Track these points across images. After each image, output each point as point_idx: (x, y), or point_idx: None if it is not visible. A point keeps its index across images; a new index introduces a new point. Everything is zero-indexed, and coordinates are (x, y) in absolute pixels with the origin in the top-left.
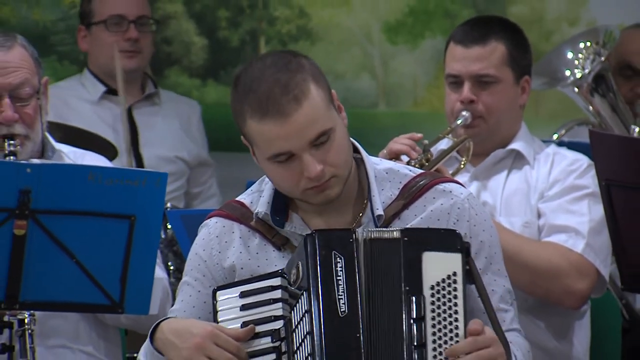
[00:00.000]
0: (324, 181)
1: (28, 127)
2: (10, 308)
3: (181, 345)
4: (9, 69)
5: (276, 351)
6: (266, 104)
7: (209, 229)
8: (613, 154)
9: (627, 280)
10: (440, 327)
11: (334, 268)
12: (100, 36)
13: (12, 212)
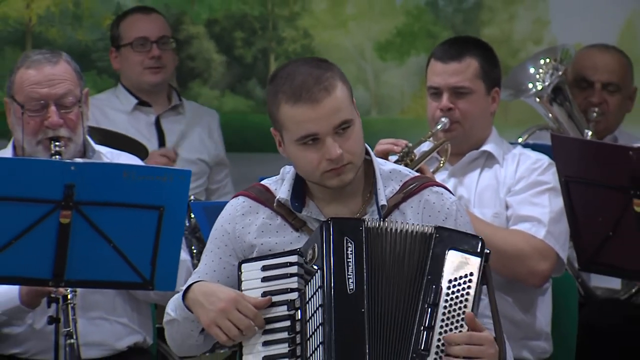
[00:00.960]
0: (341, 164)
1: (71, 131)
2: (56, 285)
3: (208, 307)
4: (55, 81)
5: (290, 319)
6: (300, 91)
7: (236, 206)
8: (571, 154)
9: (583, 262)
10: (449, 315)
11: (345, 252)
12: (128, 56)
13: (58, 203)
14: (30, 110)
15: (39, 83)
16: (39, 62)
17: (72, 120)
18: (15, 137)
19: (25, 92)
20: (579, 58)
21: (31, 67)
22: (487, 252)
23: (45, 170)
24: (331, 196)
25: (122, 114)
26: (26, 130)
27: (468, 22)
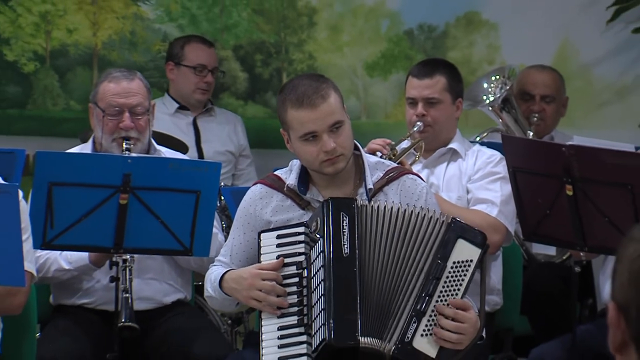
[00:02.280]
0: (334, 155)
1: (140, 133)
2: (116, 252)
3: (239, 288)
4: (130, 94)
5: (299, 276)
6: (302, 98)
7: (255, 192)
8: (517, 150)
9: (526, 234)
10: (446, 289)
11: (341, 224)
12: (187, 75)
13: (118, 188)
14: (109, 114)
15: (118, 94)
16: (118, 78)
17: (141, 125)
18: (96, 134)
19: (106, 100)
20: (523, 76)
21: (112, 82)
22: (488, 246)
23: (109, 162)
24: (328, 182)
25: (166, 116)
26: (105, 130)
27: (437, 47)
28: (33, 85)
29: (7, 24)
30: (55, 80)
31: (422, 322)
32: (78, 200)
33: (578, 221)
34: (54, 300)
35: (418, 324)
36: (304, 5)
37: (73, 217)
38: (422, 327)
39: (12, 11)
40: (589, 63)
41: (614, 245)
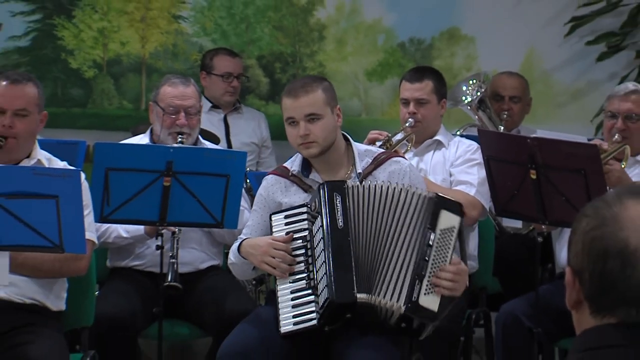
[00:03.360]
0: (307, 141)
1: (191, 130)
2: (161, 225)
3: (255, 253)
4: (186, 97)
5: (304, 247)
6: (290, 90)
7: (269, 181)
8: (490, 141)
9: (498, 210)
10: (438, 252)
11: (335, 202)
12: (217, 82)
13: (162, 172)
14: (168, 113)
15: (176, 97)
16: (176, 84)
17: (193, 123)
18: (154, 128)
19: (166, 101)
20: (494, 80)
21: (172, 86)
22: (464, 213)
23: (155, 151)
24: (325, 167)
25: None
26: (163, 125)
27: (425, 57)
28: (93, 88)
29: (72, 38)
30: (111, 84)
31: (424, 283)
32: (129, 183)
33: (540, 200)
34: (110, 263)
35: (421, 285)
36: (315, 22)
37: (125, 196)
38: (424, 287)
39: (76, 27)
40: (550, 70)
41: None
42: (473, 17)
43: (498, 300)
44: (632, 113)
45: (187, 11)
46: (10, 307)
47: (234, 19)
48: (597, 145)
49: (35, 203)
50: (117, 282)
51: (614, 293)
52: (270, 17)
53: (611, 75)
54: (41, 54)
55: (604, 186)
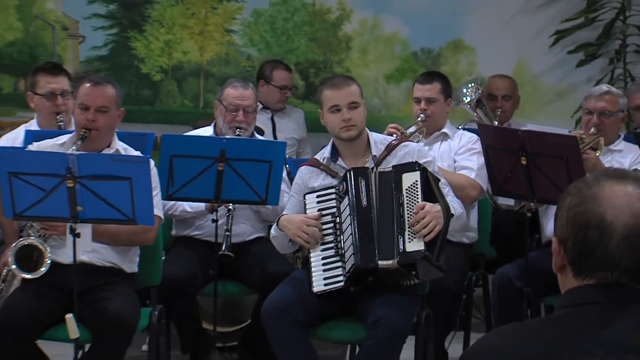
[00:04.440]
0: (349, 125)
1: (248, 125)
2: (216, 202)
3: (290, 227)
4: (245, 97)
5: (333, 222)
6: (333, 82)
7: (302, 171)
8: (488, 133)
9: (494, 190)
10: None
11: (360, 185)
12: (273, 91)
13: (216, 159)
14: (229, 110)
15: (237, 97)
16: (237, 87)
17: (250, 120)
18: (217, 122)
19: (228, 100)
20: (490, 82)
21: (234, 88)
22: (423, 167)
23: (210, 142)
24: (350, 154)
25: None
26: (225, 121)
27: (434, 64)
28: (160, 89)
29: (142, 48)
30: (175, 86)
31: (405, 235)
32: (190, 167)
33: (529, 182)
34: (175, 233)
35: (403, 237)
36: (343, 35)
37: (186, 178)
38: (406, 238)
39: (146, 39)
40: (537, 74)
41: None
42: (474, 31)
43: (494, 265)
44: (606, 110)
45: (237, 26)
46: (92, 269)
47: (276, 32)
48: (576, 136)
49: (113, 184)
50: (180, 249)
51: (593, 259)
52: (306, 31)
53: (588, 78)
54: (118, 61)
55: (582, 171)
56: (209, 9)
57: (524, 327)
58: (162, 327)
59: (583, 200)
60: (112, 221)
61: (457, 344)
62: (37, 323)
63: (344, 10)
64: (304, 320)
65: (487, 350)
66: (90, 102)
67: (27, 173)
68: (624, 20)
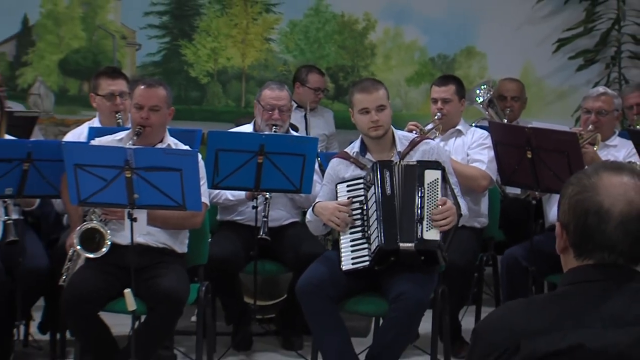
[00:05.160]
0: (377, 125)
1: (283, 123)
2: (256, 190)
3: (324, 213)
4: (280, 98)
5: (361, 209)
6: (364, 87)
7: (333, 162)
8: (497, 130)
9: (503, 181)
10: (430, 200)
11: (385, 176)
12: (308, 93)
13: (256, 152)
14: (266, 109)
15: (273, 98)
16: (274, 88)
17: (284, 118)
18: (256, 120)
19: (265, 100)
20: (500, 84)
21: (270, 90)
22: (443, 167)
23: (250, 137)
24: (377, 149)
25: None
26: (263, 118)
27: (449, 68)
28: (206, 91)
29: (191, 54)
30: (219, 88)
31: (423, 224)
32: (232, 160)
33: (534, 173)
34: (220, 218)
35: (422, 225)
36: (369, 42)
37: (229, 170)
38: (424, 226)
39: (194, 47)
40: (541, 77)
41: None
42: (485, 38)
43: (502, 247)
44: (602, 109)
45: (275, 35)
46: (147, 250)
47: (309, 40)
48: (576, 133)
49: (165, 174)
50: (224, 232)
51: (592, 242)
52: (336, 39)
53: (587, 81)
54: (169, 66)
55: (581, 163)
56: (250, 20)
57: (530, 302)
58: (208, 301)
59: (583, 189)
60: (164, 207)
61: (469, 317)
62: (99, 297)
63: (370, 21)
64: (334, 295)
65: (497, 322)
66: (144, 102)
67: (90, 165)
68: (619, 30)
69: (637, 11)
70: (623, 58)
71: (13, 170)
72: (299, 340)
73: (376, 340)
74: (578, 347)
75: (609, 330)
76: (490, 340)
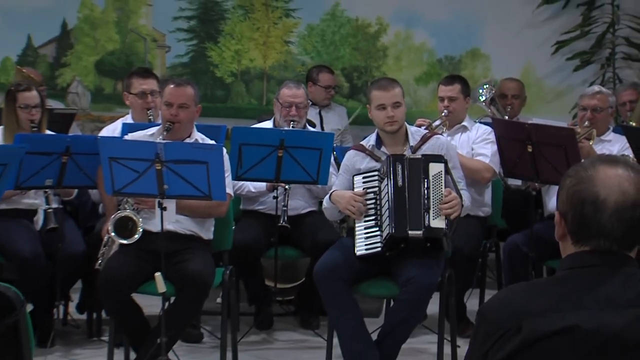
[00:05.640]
0: (392, 120)
1: (300, 119)
2: (276, 182)
3: (341, 201)
4: (297, 96)
5: (374, 199)
6: (380, 84)
7: (350, 154)
8: (500, 126)
9: (505, 173)
10: (435, 191)
11: (397, 169)
12: (319, 91)
13: (277, 147)
14: (284, 107)
15: (290, 96)
16: (291, 87)
17: (301, 114)
18: (276, 117)
19: (283, 98)
20: (502, 84)
21: (288, 88)
22: (446, 160)
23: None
24: (391, 143)
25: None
26: (281, 115)
27: (455, 69)
28: (230, 90)
29: (217, 56)
30: (243, 87)
31: (430, 213)
32: (255, 153)
33: (534, 166)
34: (243, 207)
35: (428, 214)
36: (381, 45)
37: (252, 162)
38: (431, 215)
39: (219, 49)
40: (541, 77)
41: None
42: (488, 41)
43: (505, 234)
44: (597, 107)
45: (294, 38)
46: (176, 236)
47: (326, 43)
48: (573, 128)
49: (192, 167)
50: (247, 220)
51: (589, 229)
52: (350, 42)
53: (583, 81)
54: (196, 67)
55: (578, 157)
56: (271, 24)
57: (530, 286)
58: (232, 283)
59: (581, 181)
60: (192, 197)
61: (474, 299)
62: (132, 280)
63: (382, 25)
64: (348, 279)
65: (500, 304)
66: (173, 100)
67: (124, 158)
68: (613, 33)
69: (631, 16)
70: (617, 59)
71: (53, 163)
72: (316, 320)
73: (387, 320)
74: (574, 328)
75: (604, 312)
76: (494, 320)
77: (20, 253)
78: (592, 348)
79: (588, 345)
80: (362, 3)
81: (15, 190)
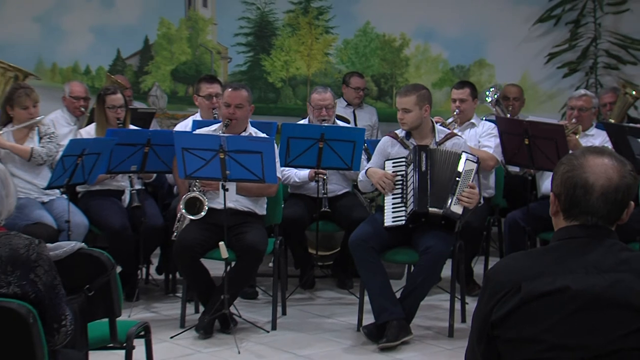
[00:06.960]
0: (402, 122)
1: (329, 117)
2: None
3: (375, 176)
4: (325, 99)
5: (402, 181)
6: (400, 90)
7: (385, 139)
8: (502, 122)
9: (506, 161)
10: (463, 182)
11: (423, 157)
12: (351, 92)
13: (317, 140)
14: (315, 108)
15: (319, 99)
16: (320, 92)
17: (330, 114)
18: (310, 117)
19: (314, 102)
20: (505, 88)
21: (317, 93)
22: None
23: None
24: (418, 137)
25: (340, 108)
26: (313, 115)
27: (465, 76)
28: (280, 93)
29: (269, 65)
30: (290, 91)
31: (453, 198)
32: (300, 145)
33: (530, 156)
34: (290, 190)
35: (452, 199)
36: (404, 56)
37: (297, 153)
38: (453, 200)
39: (271, 60)
40: (536, 82)
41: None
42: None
43: (505, 211)
44: (583, 107)
45: (332, 50)
46: (236, 212)
47: (359, 54)
48: (562, 125)
49: (249, 156)
50: (294, 199)
51: (579, 208)
52: (378, 53)
53: (571, 86)
54: (252, 74)
55: (566, 149)
56: (314, 39)
57: (528, 253)
58: (282, 251)
59: (573, 168)
60: (249, 180)
61: (479, 265)
62: (200, 248)
63: (404, 40)
64: (377, 248)
65: (503, 269)
66: (231, 101)
67: (194, 148)
68: (596, 46)
69: (610, 32)
70: (599, 68)
71: (137, 152)
72: (350, 281)
73: (409, 282)
74: (565, 288)
75: (590, 275)
76: (498, 282)
77: (111, 225)
78: (579, 305)
79: (576, 302)
80: (389, 21)
81: (107, 174)
